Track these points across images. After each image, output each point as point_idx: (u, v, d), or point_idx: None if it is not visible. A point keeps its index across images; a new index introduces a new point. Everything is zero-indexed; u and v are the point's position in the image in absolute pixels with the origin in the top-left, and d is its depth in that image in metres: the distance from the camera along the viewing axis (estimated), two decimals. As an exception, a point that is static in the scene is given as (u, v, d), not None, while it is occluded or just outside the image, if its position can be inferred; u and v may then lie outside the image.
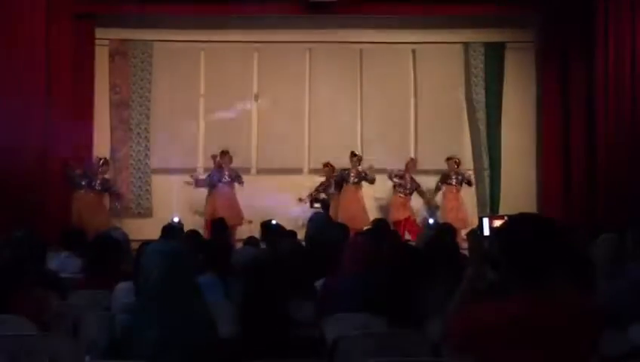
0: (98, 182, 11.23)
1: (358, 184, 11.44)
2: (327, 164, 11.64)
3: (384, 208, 11.95)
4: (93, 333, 3.63)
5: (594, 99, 10.96)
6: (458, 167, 11.69)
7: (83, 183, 11.14)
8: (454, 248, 4.37)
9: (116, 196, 11.58)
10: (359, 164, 11.48)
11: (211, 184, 11.39)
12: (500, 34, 12.58)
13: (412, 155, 12.23)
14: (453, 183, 11.64)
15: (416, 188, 11.68)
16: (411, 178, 11.67)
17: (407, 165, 11.74)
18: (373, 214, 11.16)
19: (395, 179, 11.62)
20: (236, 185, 11.40)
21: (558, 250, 2.32)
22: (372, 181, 11.45)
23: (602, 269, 4.55)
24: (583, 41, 11.22)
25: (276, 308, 2.92)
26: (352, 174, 11.40)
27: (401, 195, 11.60)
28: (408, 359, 3.31)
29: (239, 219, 11.14)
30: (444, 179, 11.69)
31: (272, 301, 2.94)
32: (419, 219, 11.73)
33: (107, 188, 11.41)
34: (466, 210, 11.60)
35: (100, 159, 11.47)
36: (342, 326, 3.54)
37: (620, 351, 3.22)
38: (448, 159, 11.68)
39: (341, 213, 11.03)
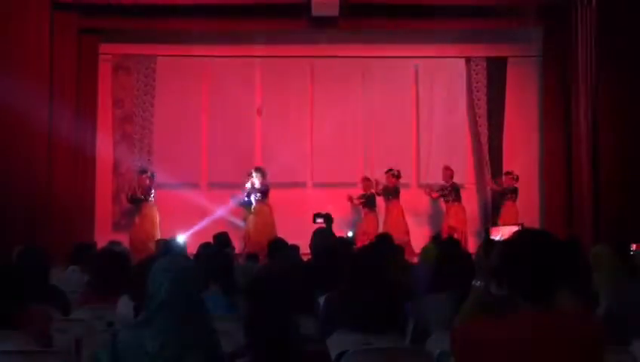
0: (141, 191, 11.38)
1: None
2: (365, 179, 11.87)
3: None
4: (95, 349, 3.62)
5: (597, 112, 10.95)
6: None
7: (142, 198, 11.34)
8: (462, 261, 4.35)
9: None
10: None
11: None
12: (502, 48, 12.61)
13: (414, 169, 12.27)
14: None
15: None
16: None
17: (444, 175, 11.80)
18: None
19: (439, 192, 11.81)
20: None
21: (561, 265, 2.32)
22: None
23: (605, 283, 4.54)
24: (584, 54, 11.22)
25: (279, 323, 2.92)
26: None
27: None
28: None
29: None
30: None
31: (275, 316, 2.94)
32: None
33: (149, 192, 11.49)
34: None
35: (141, 171, 11.60)
36: (345, 342, 3.53)
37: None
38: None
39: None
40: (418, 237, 11.23)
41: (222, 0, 11.34)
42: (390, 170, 11.69)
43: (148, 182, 11.45)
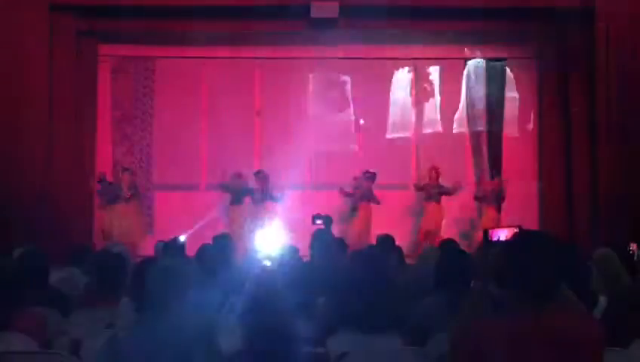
0: (127, 191, 11.36)
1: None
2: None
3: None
4: (94, 350, 3.62)
5: (595, 114, 10.95)
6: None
7: (117, 194, 11.32)
8: (461, 264, 4.35)
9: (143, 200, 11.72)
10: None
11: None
12: (501, 50, 12.62)
13: (413, 169, 12.26)
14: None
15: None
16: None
17: (430, 174, 11.74)
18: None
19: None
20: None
21: (560, 267, 2.32)
22: None
23: (605, 284, 4.55)
24: (583, 55, 11.23)
25: (279, 324, 2.92)
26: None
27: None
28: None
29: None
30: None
31: (274, 317, 2.94)
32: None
33: (136, 193, 11.52)
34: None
35: (123, 168, 11.63)
36: (345, 343, 3.53)
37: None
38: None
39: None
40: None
41: (221, 2, 11.32)
42: (366, 171, 11.63)
43: (131, 179, 11.48)
